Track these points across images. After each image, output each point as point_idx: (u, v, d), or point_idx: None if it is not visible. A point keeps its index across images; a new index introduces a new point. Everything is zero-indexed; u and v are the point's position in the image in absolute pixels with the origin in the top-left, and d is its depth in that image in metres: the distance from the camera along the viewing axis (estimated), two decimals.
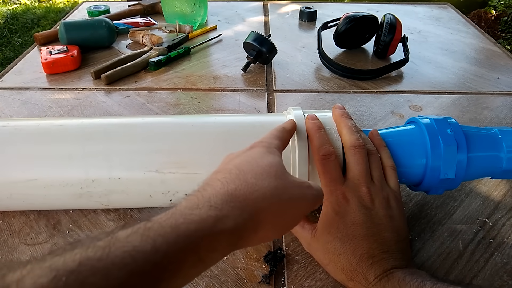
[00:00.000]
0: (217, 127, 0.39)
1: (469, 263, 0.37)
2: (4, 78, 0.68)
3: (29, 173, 0.36)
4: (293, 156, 0.36)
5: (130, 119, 0.41)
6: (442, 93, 0.65)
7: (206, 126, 0.39)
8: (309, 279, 0.36)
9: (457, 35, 0.87)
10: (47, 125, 0.38)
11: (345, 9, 1.00)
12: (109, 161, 0.36)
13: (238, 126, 0.39)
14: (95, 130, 0.38)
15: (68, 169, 0.36)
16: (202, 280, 0.35)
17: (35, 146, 0.37)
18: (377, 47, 0.74)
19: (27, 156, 0.36)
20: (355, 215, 0.33)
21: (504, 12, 2.37)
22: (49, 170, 0.36)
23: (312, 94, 0.64)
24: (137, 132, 0.38)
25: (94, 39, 0.76)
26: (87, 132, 0.38)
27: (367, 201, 0.34)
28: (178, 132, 0.38)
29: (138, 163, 0.36)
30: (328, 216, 0.34)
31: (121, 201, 0.38)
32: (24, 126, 0.38)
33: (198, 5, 0.84)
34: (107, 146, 0.37)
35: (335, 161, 0.35)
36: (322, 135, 0.36)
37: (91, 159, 0.36)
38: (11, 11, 2.72)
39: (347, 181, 0.35)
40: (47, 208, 0.41)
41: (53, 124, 0.39)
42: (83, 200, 0.37)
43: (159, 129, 0.39)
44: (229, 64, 0.73)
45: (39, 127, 0.38)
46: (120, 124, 0.39)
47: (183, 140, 0.38)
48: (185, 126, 0.39)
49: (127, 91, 0.64)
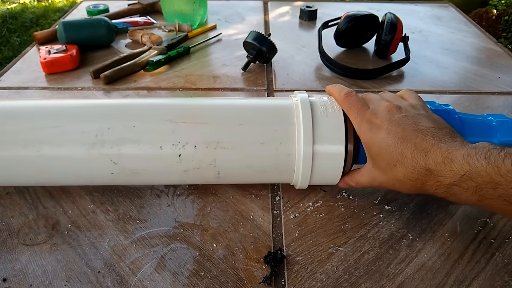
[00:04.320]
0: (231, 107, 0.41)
1: (470, 264, 0.37)
2: (3, 77, 0.68)
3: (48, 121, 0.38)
4: (298, 135, 0.38)
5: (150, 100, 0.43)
6: (443, 92, 0.65)
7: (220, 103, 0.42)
8: (310, 280, 0.36)
9: (458, 35, 0.87)
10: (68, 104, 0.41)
11: (346, 8, 1.00)
12: (125, 114, 0.39)
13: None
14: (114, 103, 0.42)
15: (86, 118, 0.38)
16: (202, 280, 0.35)
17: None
18: (377, 47, 0.74)
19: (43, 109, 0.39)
20: (389, 125, 0.35)
21: (505, 11, 2.37)
22: (67, 118, 0.39)
23: (313, 93, 0.64)
24: (156, 102, 0.42)
25: (93, 38, 0.75)
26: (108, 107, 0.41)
27: (393, 110, 0.36)
28: (187, 102, 0.42)
29: (153, 113, 0.39)
30: (368, 142, 0.36)
31: (131, 154, 0.38)
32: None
33: (198, 4, 0.84)
34: (125, 107, 0.40)
35: (356, 96, 0.39)
36: (339, 86, 0.41)
37: (109, 114, 0.39)
38: (10, 10, 2.72)
39: (369, 109, 0.37)
40: (56, 175, 0.40)
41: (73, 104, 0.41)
42: (94, 153, 0.37)
43: (174, 101, 0.43)
44: (229, 63, 0.73)
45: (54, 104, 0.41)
46: (141, 103, 0.42)
47: (196, 103, 0.41)
48: (195, 100, 0.43)
49: (126, 91, 0.64)
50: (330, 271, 0.36)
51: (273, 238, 0.40)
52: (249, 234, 0.40)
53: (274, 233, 0.40)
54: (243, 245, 0.39)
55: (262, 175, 0.40)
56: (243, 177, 0.41)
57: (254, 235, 0.40)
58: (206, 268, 0.36)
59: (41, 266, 0.36)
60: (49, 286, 0.35)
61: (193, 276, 0.36)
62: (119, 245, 0.38)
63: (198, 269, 0.36)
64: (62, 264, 0.37)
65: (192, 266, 0.37)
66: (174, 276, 0.36)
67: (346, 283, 0.35)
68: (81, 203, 0.43)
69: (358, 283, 0.35)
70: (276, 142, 0.38)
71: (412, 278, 0.36)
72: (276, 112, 0.39)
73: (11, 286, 0.35)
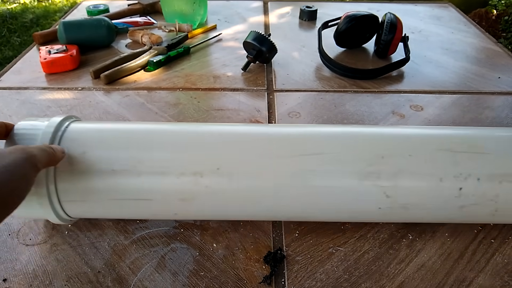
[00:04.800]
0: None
1: (470, 264, 0.37)
2: (3, 77, 0.68)
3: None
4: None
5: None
6: (443, 92, 0.65)
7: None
8: (309, 280, 0.36)
9: (458, 35, 0.87)
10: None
11: (346, 8, 1.00)
12: (399, 143, 0.35)
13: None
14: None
15: (358, 146, 0.35)
16: (202, 280, 0.35)
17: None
18: (377, 47, 0.74)
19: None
20: None
21: (505, 11, 2.37)
22: (336, 145, 0.35)
23: (313, 93, 0.64)
24: (426, 131, 0.37)
25: (93, 38, 0.75)
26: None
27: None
28: (461, 131, 0.37)
29: (428, 142, 0.35)
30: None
31: (407, 187, 0.34)
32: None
33: (198, 4, 0.84)
34: (397, 136, 0.36)
35: None
36: None
37: (382, 142, 0.35)
38: (10, 10, 2.72)
39: None
40: (316, 207, 0.35)
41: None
42: (366, 184, 0.33)
43: (432, 130, 0.38)
44: (229, 63, 0.73)
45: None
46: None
47: (474, 133, 0.36)
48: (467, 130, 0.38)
49: (126, 91, 0.64)
50: (330, 271, 0.36)
51: (273, 238, 0.40)
52: (249, 234, 0.40)
53: (274, 233, 0.40)
54: (243, 245, 0.39)
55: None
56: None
57: (254, 235, 0.40)
58: (206, 268, 0.36)
59: (41, 266, 0.36)
60: (49, 286, 0.35)
61: (193, 276, 0.36)
62: (119, 245, 0.39)
63: (198, 269, 0.36)
64: (62, 264, 0.37)
65: (192, 266, 0.37)
66: (174, 276, 0.36)
67: (346, 283, 0.35)
68: None
69: (358, 283, 0.35)
70: None
71: (412, 278, 0.36)
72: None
73: (11, 286, 0.35)
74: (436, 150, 0.34)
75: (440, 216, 0.36)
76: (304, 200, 0.34)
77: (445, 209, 0.35)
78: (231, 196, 0.34)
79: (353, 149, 0.34)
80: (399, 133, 0.37)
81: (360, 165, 0.34)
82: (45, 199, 0.33)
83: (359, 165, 0.34)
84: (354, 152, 0.34)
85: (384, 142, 0.35)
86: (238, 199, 0.34)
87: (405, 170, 0.33)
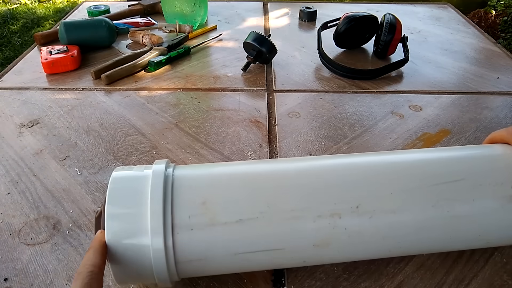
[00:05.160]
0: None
1: (469, 263, 0.37)
2: (4, 78, 0.68)
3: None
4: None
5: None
6: (442, 93, 0.65)
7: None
8: (309, 279, 0.36)
9: (457, 35, 0.87)
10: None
11: (345, 9, 1.00)
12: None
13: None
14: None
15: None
16: (202, 280, 0.35)
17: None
18: (377, 47, 0.74)
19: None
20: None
21: (503, 12, 2.37)
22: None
23: (312, 94, 0.64)
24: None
25: (94, 39, 0.76)
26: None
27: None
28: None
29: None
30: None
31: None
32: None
33: (198, 5, 0.84)
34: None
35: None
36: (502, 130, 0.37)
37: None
38: (11, 10, 2.72)
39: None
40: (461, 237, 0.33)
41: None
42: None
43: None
44: (229, 64, 0.73)
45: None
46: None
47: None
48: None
49: (127, 91, 0.64)
50: (329, 270, 0.37)
51: None
52: None
53: None
54: None
55: None
56: None
57: None
58: None
59: (42, 266, 0.37)
60: (50, 286, 0.35)
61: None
62: None
63: None
64: (63, 263, 0.37)
65: None
66: None
67: (346, 282, 0.36)
68: (82, 202, 0.43)
69: (357, 282, 0.36)
70: None
71: (411, 277, 0.36)
72: None
73: (12, 286, 0.35)
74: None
75: None
76: (447, 231, 0.32)
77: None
78: (371, 236, 0.31)
79: (490, 170, 0.33)
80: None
81: (503, 188, 0.32)
82: (161, 260, 0.28)
83: (502, 188, 0.32)
84: (492, 174, 0.32)
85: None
86: (379, 238, 0.31)
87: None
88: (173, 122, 0.57)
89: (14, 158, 0.49)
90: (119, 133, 0.54)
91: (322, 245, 0.30)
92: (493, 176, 0.32)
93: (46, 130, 0.55)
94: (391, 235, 0.31)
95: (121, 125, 0.56)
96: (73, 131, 0.54)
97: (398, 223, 0.31)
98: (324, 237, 0.30)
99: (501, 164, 0.33)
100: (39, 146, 0.51)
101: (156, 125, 0.56)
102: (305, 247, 0.30)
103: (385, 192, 0.31)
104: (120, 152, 0.51)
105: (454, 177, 0.32)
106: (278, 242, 0.30)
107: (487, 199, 0.32)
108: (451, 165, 0.33)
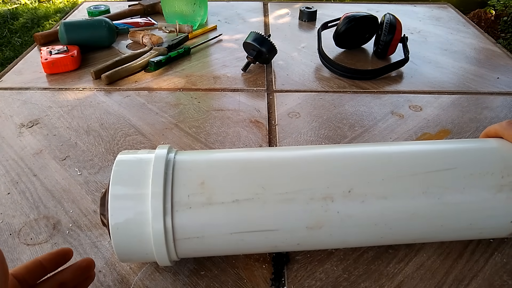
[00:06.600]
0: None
1: (469, 263, 0.37)
2: (4, 78, 0.68)
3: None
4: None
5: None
6: (442, 93, 0.65)
7: None
8: (309, 279, 0.36)
9: (457, 35, 0.87)
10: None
11: (345, 9, 1.00)
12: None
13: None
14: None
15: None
16: (202, 280, 0.35)
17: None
18: (377, 47, 0.74)
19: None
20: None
21: (503, 12, 2.37)
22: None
23: (312, 94, 0.64)
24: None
25: (94, 39, 0.76)
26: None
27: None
28: None
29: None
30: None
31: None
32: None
33: (198, 5, 0.84)
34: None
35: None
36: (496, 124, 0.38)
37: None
38: (11, 11, 2.72)
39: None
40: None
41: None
42: (501, 197, 0.32)
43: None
44: (229, 64, 0.73)
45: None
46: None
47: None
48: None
49: (127, 91, 0.64)
50: (329, 270, 0.37)
51: None
52: None
53: None
54: None
55: None
56: None
57: None
58: (207, 267, 0.37)
59: None
60: None
61: (194, 275, 0.36)
62: None
63: (199, 268, 0.37)
64: None
65: (192, 265, 0.37)
66: (175, 275, 0.36)
67: (346, 282, 0.36)
68: (82, 202, 0.43)
69: (357, 282, 0.36)
70: None
71: (411, 277, 0.36)
72: None
73: None
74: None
75: None
76: (438, 219, 0.32)
77: None
78: (363, 221, 0.32)
79: (482, 161, 0.33)
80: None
81: (494, 178, 0.32)
82: (160, 238, 0.30)
83: (492, 178, 0.32)
84: (484, 165, 0.33)
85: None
86: (370, 223, 0.32)
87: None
88: (173, 122, 0.57)
89: (14, 158, 0.49)
90: (119, 133, 0.54)
91: (315, 227, 0.31)
92: (484, 167, 0.33)
93: (46, 130, 0.55)
94: (383, 220, 0.32)
95: (121, 125, 0.56)
96: (73, 131, 0.54)
97: (389, 209, 0.32)
98: (317, 219, 0.31)
99: (493, 155, 0.34)
100: (39, 146, 0.51)
101: (156, 125, 0.56)
102: (298, 229, 0.31)
103: (377, 178, 0.32)
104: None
105: (445, 166, 0.33)
106: (272, 223, 0.31)
107: (477, 188, 0.32)
108: (443, 155, 0.34)
